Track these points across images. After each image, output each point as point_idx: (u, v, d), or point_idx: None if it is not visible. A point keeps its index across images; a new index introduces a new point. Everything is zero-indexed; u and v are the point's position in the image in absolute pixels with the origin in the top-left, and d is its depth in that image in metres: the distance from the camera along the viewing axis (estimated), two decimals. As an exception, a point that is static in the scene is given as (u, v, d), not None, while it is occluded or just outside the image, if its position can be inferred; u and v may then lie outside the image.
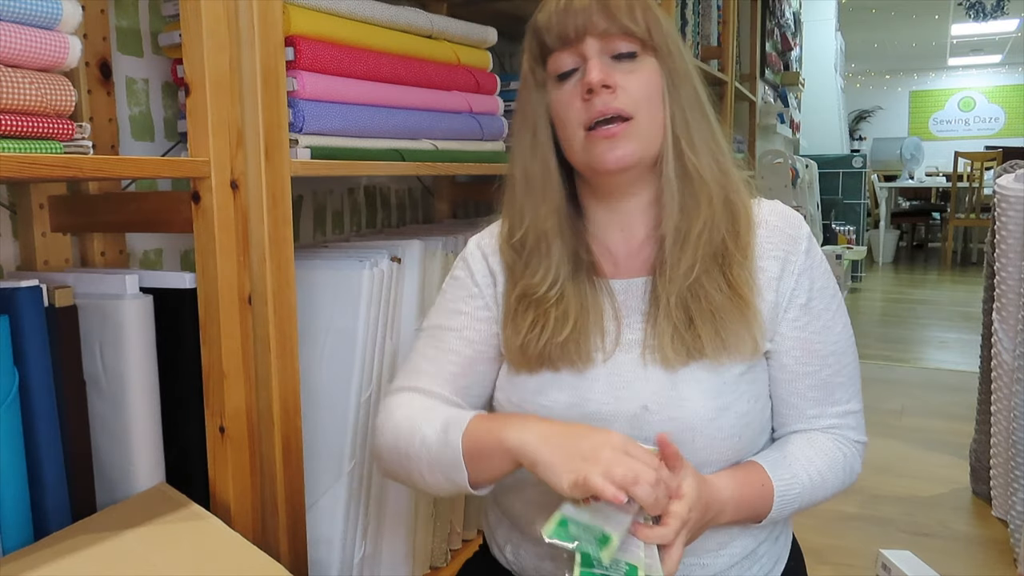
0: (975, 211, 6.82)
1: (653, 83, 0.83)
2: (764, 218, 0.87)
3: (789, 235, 0.86)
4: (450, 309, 0.93)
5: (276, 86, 0.94)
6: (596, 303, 0.86)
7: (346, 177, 1.67)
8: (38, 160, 0.74)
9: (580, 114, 0.82)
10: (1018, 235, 1.80)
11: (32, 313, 0.85)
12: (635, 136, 0.82)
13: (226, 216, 0.92)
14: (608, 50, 0.82)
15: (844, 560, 1.77)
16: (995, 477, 1.93)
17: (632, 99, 0.81)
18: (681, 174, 0.83)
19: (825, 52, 6.75)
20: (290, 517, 1.00)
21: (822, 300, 0.87)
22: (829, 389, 0.87)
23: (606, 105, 0.81)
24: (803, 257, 0.86)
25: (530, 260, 0.87)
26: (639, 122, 0.82)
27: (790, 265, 0.85)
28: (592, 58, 0.82)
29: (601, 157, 0.82)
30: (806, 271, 0.86)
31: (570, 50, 0.83)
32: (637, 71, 0.82)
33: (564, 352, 0.84)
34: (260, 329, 0.95)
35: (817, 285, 0.86)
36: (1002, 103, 10.85)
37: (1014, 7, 7.19)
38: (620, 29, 0.81)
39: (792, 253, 0.85)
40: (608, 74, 0.81)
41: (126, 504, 0.92)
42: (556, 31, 0.83)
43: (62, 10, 0.76)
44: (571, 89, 0.83)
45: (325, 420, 1.14)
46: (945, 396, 3.01)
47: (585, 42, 0.82)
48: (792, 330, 0.85)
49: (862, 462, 0.91)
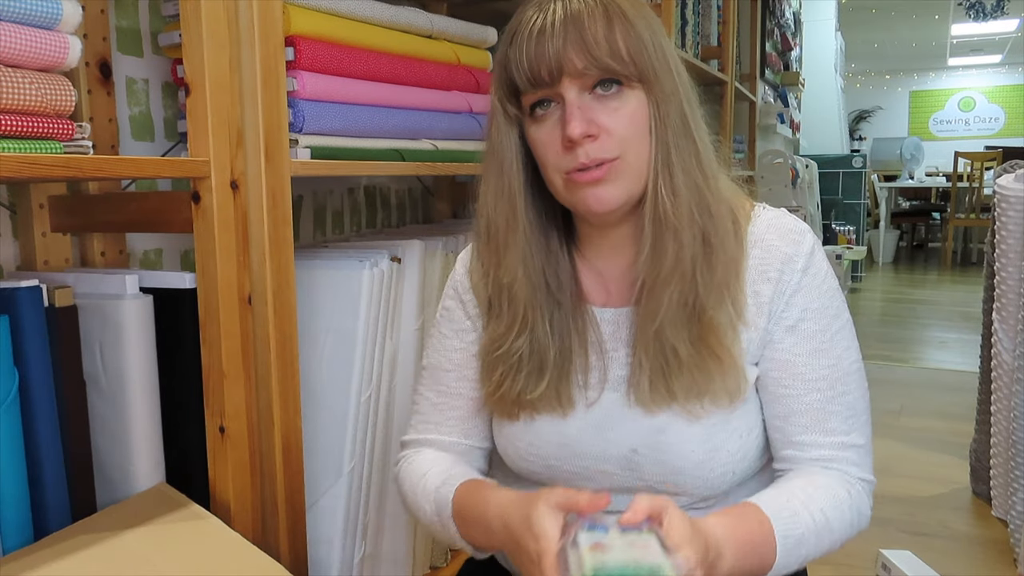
0: (975, 211, 6.82)
1: (639, 118, 0.75)
2: (760, 236, 0.81)
3: (785, 254, 0.80)
4: (445, 346, 0.89)
5: (276, 86, 0.94)
6: (581, 337, 0.82)
7: (346, 177, 1.67)
8: (38, 160, 0.74)
9: (560, 160, 0.75)
10: (1018, 235, 1.80)
11: (32, 313, 0.85)
12: (621, 176, 0.75)
13: (226, 216, 0.92)
14: (588, 86, 0.74)
15: (844, 560, 1.77)
16: (995, 477, 1.93)
17: (617, 141, 0.74)
18: (653, 218, 0.76)
19: (825, 52, 6.75)
20: (290, 517, 1.00)
21: (817, 321, 0.80)
22: (820, 417, 0.79)
23: (589, 156, 0.73)
24: (797, 276, 0.79)
25: (497, 309, 0.83)
26: (625, 160, 0.75)
27: (783, 286, 0.79)
28: (571, 102, 0.73)
29: (585, 203, 0.76)
30: (799, 291, 0.79)
31: (545, 91, 0.75)
32: (622, 108, 0.74)
33: (543, 401, 0.81)
34: (260, 329, 0.95)
35: (813, 306, 0.80)
36: (1002, 103, 10.85)
37: (1014, 7, 7.19)
38: (599, 66, 0.73)
39: (786, 273, 0.79)
40: (590, 120, 0.73)
41: (126, 504, 0.92)
42: (527, 73, 0.74)
43: (62, 10, 0.76)
44: (549, 129, 0.75)
45: (325, 420, 1.14)
46: (945, 396, 3.01)
47: (561, 83, 0.73)
48: (776, 351, 0.80)
49: (871, 504, 0.82)
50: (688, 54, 2.74)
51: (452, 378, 0.89)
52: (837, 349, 0.80)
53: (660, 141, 0.76)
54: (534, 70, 0.73)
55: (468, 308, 0.88)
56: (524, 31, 0.74)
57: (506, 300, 0.81)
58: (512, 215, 0.80)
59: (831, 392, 0.80)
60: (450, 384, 0.89)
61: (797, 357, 0.80)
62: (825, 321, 0.80)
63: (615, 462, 0.80)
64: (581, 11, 0.73)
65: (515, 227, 0.80)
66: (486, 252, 0.83)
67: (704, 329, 0.77)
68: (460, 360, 0.88)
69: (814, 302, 0.80)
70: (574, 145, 0.73)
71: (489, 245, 0.82)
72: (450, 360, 0.89)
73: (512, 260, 0.80)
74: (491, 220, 0.81)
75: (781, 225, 0.81)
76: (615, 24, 0.73)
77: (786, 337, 0.80)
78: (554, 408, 0.81)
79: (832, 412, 0.80)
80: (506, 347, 0.81)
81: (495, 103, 0.79)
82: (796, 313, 0.80)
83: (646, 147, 0.76)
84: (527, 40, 0.74)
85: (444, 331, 0.90)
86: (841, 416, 0.80)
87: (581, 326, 0.83)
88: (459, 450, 0.89)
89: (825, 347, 0.80)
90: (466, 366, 0.88)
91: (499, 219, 0.80)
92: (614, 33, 0.73)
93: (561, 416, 0.81)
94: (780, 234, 0.81)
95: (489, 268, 0.83)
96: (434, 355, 0.91)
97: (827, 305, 0.80)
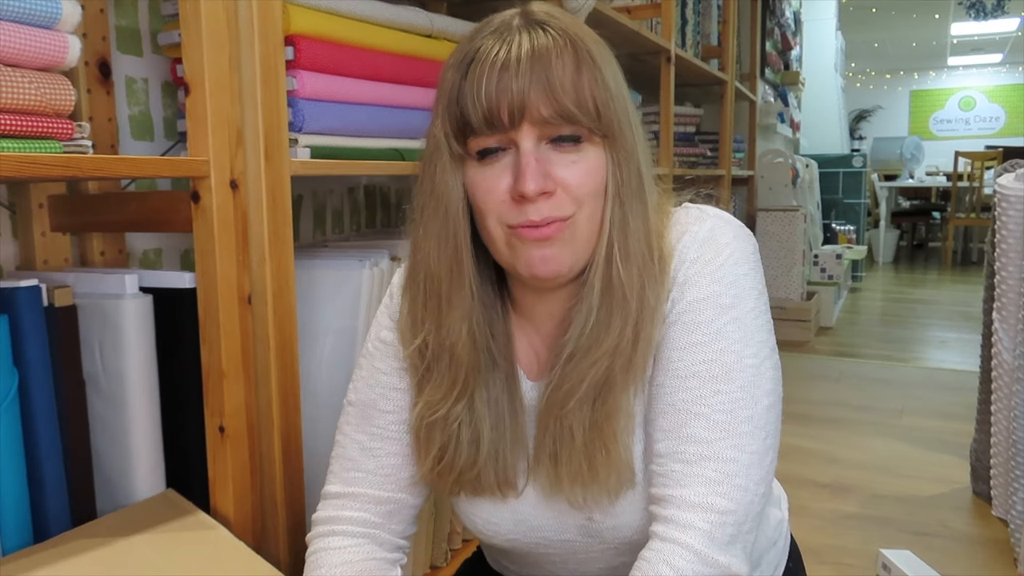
0: (975, 211, 6.82)
1: (597, 175, 0.67)
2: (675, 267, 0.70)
3: (679, 249, 0.70)
4: (381, 383, 0.78)
5: (276, 85, 0.93)
6: (514, 411, 0.74)
7: (346, 177, 1.67)
8: (38, 160, 0.74)
9: (505, 212, 0.66)
10: (1018, 235, 1.80)
11: (32, 313, 0.85)
12: (571, 240, 0.67)
13: (226, 216, 0.92)
14: (545, 135, 0.65)
15: (844, 560, 1.77)
16: (995, 477, 1.93)
17: (572, 197, 0.66)
18: (606, 287, 0.68)
19: (825, 51, 6.74)
20: (290, 517, 1.00)
21: (703, 312, 0.68)
22: (681, 418, 0.67)
23: (541, 215, 0.65)
24: (684, 266, 0.69)
25: (433, 371, 0.73)
26: (577, 222, 0.67)
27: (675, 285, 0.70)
28: (527, 152, 0.65)
29: (529, 267, 0.67)
30: (687, 283, 0.69)
31: (498, 136, 0.66)
32: (580, 161, 0.66)
33: (482, 482, 0.74)
34: (260, 329, 0.95)
35: (701, 295, 0.68)
36: (1002, 103, 10.85)
37: (1014, 6, 7.19)
38: (564, 117, 0.65)
39: (679, 271, 0.69)
40: (547, 175, 0.65)
41: (131, 509, 0.92)
42: (484, 112, 0.64)
43: (61, 9, 0.76)
44: (496, 174, 0.66)
45: (325, 420, 1.14)
46: (945, 396, 3.01)
47: (520, 129, 0.65)
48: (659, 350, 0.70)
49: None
50: (688, 54, 2.74)
51: (389, 420, 0.78)
52: (720, 343, 0.67)
53: (616, 202, 0.68)
54: (492, 110, 0.64)
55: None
56: (484, 61, 0.65)
57: (445, 362, 0.72)
58: (457, 267, 0.70)
59: (701, 391, 0.67)
60: (386, 427, 0.78)
61: (673, 352, 0.69)
62: (712, 312, 0.68)
63: (574, 531, 0.75)
64: (549, 49, 0.65)
65: (460, 282, 0.70)
66: (423, 310, 0.72)
67: (607, 411, 0.69)
68: (401, 402, 0.78)
69: (703, 291, 0.68)
70: (525, 201, 0.65)
71: (428, 302, 0.71)
72: (388, 400, 0.78)
73: (456, 319, 0.70)
74: (432, 272, 0.71)
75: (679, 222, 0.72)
76: (583, 69, 0.65)
77: (668, 332, 0.69)
78: (494, 491, 0.74)
79: (696, 414, 0.67)
80: (442, 412, 0.72)
81: (439, 138, 0.68)
82: (681, 307, 0.69)
83: (599, 208, 0.68)
84: (487, 73, 0.64)
85: (380, 367, 0.79)
86: (707, 421, 0.66)
87: (513, 398, 0.75)
88: (388, 511, 0.79)
89: (706, 339, 0.68)
90: (406, 409, 0.78)
91: (442, 270, 0.70)
92: (582, 79, 0.65)
93: (502, 499, 0.75)
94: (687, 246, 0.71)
95: (426, 326, 0.72)
96: (367, 391, 0.79)
97: (719, 293, 0.68)
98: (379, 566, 0.78)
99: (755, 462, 0.67)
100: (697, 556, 0.64)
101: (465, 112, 0.66)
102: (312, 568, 0.78)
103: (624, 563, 0.76)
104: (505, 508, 0.76)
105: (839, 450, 2.43)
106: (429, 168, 0.70)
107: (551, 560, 0.80)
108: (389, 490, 0.79)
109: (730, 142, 3.29)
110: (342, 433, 0.81)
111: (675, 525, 0.66)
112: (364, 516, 0.78)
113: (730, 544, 0.65)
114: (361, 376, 0.80)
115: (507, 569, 0.89)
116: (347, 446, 0.80)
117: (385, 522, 0.79)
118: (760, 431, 0.67)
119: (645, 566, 0.66)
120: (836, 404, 2.92)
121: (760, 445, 0.67)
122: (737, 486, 0.66)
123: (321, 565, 0.77)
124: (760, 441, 0.67)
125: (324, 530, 0.79)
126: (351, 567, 0.76)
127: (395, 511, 0.79)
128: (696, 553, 0.64)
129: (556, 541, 0.77)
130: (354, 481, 0.79)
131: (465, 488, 0.75)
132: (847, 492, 2.10)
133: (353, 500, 0.79)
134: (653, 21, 2.44)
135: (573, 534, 0.75)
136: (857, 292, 5.65)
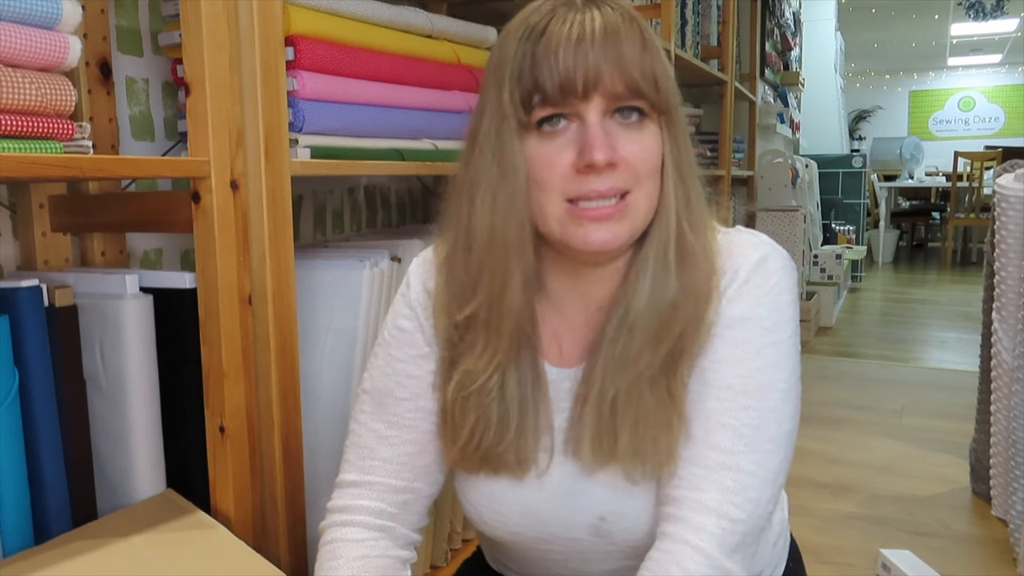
0: (975, 211, 6.82)
1: (655, 152, 0.69)
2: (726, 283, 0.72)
3: (731, 267, 0.72)
4: (398, 371, 0.78)
5: (276, 86, 0.94)
6: (536, 395, 0.74)
7: (346, 177, 1.67)
8: (38, 160, 0.74)
9: (567, 184, 0.67)
10: (1018, 235, 1.80)
11: (32, 313, 0.85)
12: (629, 216, 0.68)
13: (226, 216, 0.92)
14: (611, 109, 0.67)
15: (844, 560, 1.77)
16: (995, 477, 1.93)
17: (634, 173, 0.68)
18: (679, 259, 0.70)
19: (825, 52, 6.75)
20: (290, 517, 1.00)
21: (745, 330, 0.70)
22: (709, 425, 0.69)
23: (606, 186, 0.67)
24: (735, 284, 0.71)
25: (475, 339, 0.73)
26: (635, 198, 0.68)
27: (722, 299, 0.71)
28: (594, 123, 0.66)
29: (584, 238, 0.68)
30: (734, 301, 0.70)
31: (568, 106, 0.67)
32: (641, 138, 0.68)
33: (503, 460, 0.74)
34: (260, 329, 0.95)
35: (745, 315, 0.70)
36: (1002, 103, 10.85)
37: (1014, 7, 7.19)
38: (633, 90, 0.66)
39: (730, 287, 0.71)
40: (614, 148, 0.66)
41: (131, 509, 0.92)
42: (561, 80, 0.65)
43: (62, 10, 0.76)
44: (557, 148, 0.67)
45: (325, 420, 1.14)
46: (945, 396, 3.01)
47: (590, 101, 0.66)
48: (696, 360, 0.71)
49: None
50: (688, 54, 2.74)
51: (406, 408, 0.78)
52: (758, 362, 0.69)
53: (677, 178, 0.71)
54: (569, 79, 0.65)
55: (427, 333, 0.78)
56: (559, 31, 0.66)
57: (494, 327, 0.71)
58: (522, 229, 0.69)
59: (732, 403, 0.69)
60: (403, 414, 0.78)
61: (711, 363, 0.70)
62: (754, 331, 0.70)
63: (583, 530, 0.75)
64: (619, 26, 0.67)
65: (522, 249, 0.70)
66: (476, 278, 0.71)
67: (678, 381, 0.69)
68: (417, 389, 0.78)
69: (747, 312, 0.70)
70: (590, 171, 0.66)
71: (484, 270, 0.71)
72: (404, 387, 0.78)
73: (518, 282, 0.70)
74: (499, 228, 0.69)
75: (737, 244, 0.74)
76: (647, 47, 0.68)
77: (709, 343, 0.71)
78: (512, 470, 0.74)
79: (725, 425, 0.68)
80: (481, 382, 0.72)
81: (505, 106, 0.68)
82: (724, 322, 0.71)
83: (656, 186, 0.70)
84: (564, 44, 0.65)
85: (397, 354, 0.79)
86: (734, 432, 0.68)
87: (537, 380, 0.75)
88: (403, 500, 0.79)
89: (742, 357, 0.70)
90: (422, 396, 0.78)
91: (511, 229, 0.69)
92: (647, 56, 0.67)
93: (519, 480, 0.75)
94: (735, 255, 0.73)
95: (483, 288, 0.71)
96: (383, 380, 0.79)
97: (763, 316, 0.70)
98: (393, 564, 0.78)
99: (770, 480, 0.69)
100: (707, 559, 0.66)
101: (540, 80, 0.66)
102: (328, 557, 0.77)
103: (625, 567, 0.76)
104: (521, 492, 0.75)
105: (839, 450, 2.44)
106: (489, 138, 0.69)
107: (552, 559, 0.80)
108: (405, 479, 0.79)
109: (730, 142, 3.29)
110: (357, 422, 0.80)
111: (688, 527, 0.67)
112: (380, 506, 0.79)
113: (735, 552, 0.67)
114: (377, 364, 0.80)
115: (507, 569, 0.89)
116: (362, 434, 0.80)
117: (400, 513, 0.79)
118: (779, 452, 0.70)
119: (654, 566, 0.67)
120: (836, 404, 2.92)
121: (777, 465, 0.70)
122: (751, 499, 0.68)
123: (338, 556, 0.77)
124: (777, 462, 0.70)
125: (340, 519, 0.79)
126: (368, 562, 0.77)
127: (410, 501, 0.80)
128: (707, 556, 0.66)
129: (562, 539, 0.76)
130: (370, 469, 0.79)
131: (487, 466, 0.75)
132: (847, 492, 2.10)
133: (369, 489, 0.79)
134: (653, 21, 2.44)
135: (581, 533, 0.75)
136: (857, 292, 5.65)
